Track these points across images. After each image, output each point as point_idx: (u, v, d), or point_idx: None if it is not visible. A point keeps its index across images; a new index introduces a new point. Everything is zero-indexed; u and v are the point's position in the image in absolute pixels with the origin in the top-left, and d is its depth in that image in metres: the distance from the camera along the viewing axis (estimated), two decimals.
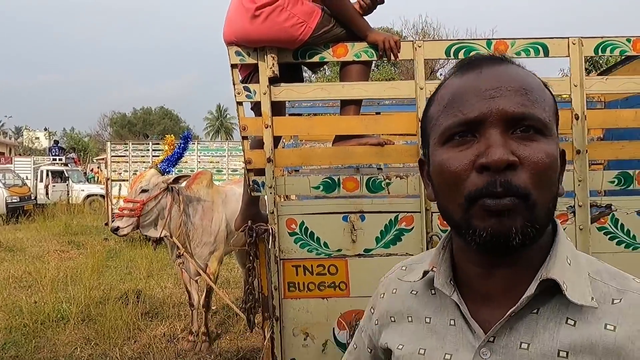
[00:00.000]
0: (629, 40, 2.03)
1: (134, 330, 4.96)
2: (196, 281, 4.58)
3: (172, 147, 4.27)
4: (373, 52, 2.04)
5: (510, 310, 0.65)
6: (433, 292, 0.78)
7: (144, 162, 10.36)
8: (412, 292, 0.82)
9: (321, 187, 2.04)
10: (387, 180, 2.03)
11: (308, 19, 1.99)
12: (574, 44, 2.02)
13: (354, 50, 2.03)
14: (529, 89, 0.66)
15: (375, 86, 2.06)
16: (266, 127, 2.01)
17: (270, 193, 2.03)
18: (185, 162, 10.54)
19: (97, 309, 5.66)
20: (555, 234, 0.71)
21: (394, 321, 0.83)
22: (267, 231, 2.02)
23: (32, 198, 16.55)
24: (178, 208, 4.16)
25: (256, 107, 2.12)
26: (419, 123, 1.96)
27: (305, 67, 2.41)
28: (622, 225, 2.02)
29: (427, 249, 1.99)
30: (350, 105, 2.13)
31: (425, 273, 0.78)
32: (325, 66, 17.95)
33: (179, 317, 5.41)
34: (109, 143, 10.49)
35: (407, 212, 2.03)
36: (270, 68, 1.97)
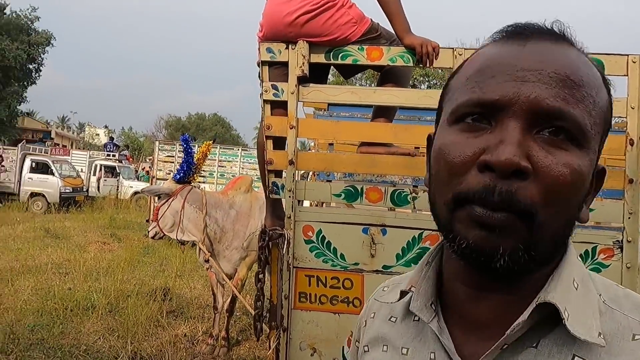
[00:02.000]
0: None
1: (156, 327, 4.97)
2: (222, 285, 4.54)
3: (204, 152, 4.28)
4: (410, 57, 1.93)
5: (498, 342, 0.52)
6: (416, 318, 0.63)
7: None
8: (391, 318, 0.67)
9: (343, 195, 1.94)
10: (414, 194, 1.90)
11: (359, 22, 2.00)
12: (634, 62, 1.83)
13: (390, 54, 1.93)
14: (577, 81, 0.51)
15: (408, 94, 1.94)
16: (291, 128, 1.94)
17: (289, 197, 1.94)
18: (226, 167, 10.69)
19: (125, 302, 5.74)
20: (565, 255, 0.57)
21: (367, 350, 0.69)
22: (282, 236, 1.92)
23: (84, 190, 17.29)
24: (197, 211, 4.12)
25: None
26: None
27: (336, 74, 2.32)
28: None
29: None
30: (381, 114, 2.02)
31: (403, 294, 0.64)
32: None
33: (202, 318, 5.39)
34: (157, 143, 10.81)
35: (433, 230, 1.88)
36: (300, 67, 1.90)
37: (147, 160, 37.62)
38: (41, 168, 15.84)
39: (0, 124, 30.60)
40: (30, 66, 32.99)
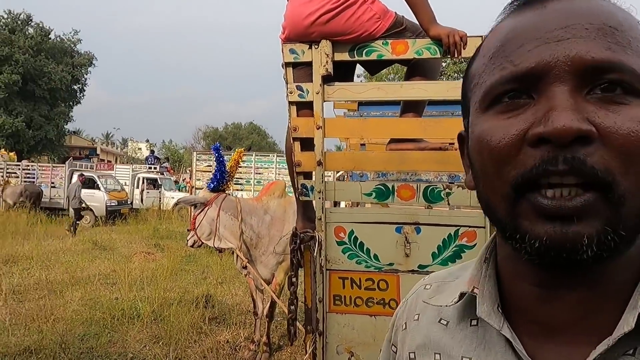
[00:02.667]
0: None
1: (199, 333, 5.04)
2: (261, 291, 4.56)
3: (237, 160, 4.30)
4: (437, 49, 1.86)
5: (597, 351, 0.45)
6: (474, 321, 0.56)
7: None
8: (442, 321, 0.59)
9: (373, 195, 1.89)
10: (447, 190, 1.83)
11: (383, 17, 1.96)
12: None
13: (416, 47, 1.87)
14: (617, 26, 0.44)
15: (437, 86, 1.87)
16: (318, 128, 1.91)
17: (319, 198, 1.91)
18: (263, 173, 10.78)
19: (169, 310, 5.86)
20: None
21: (413, 358, 0.61)
22: (313, 238, 1.89)
23: (129, 202, 17.87)
24: (232, 218, 4.14)
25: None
26: None
27: (361, 71, 2.28)
28: None
29: None
30: (410, 109, 1.96)
31: (462, 295, 0.56)
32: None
33: (243, 325, 5.43)
34: (194, 153, 11.06)
35: (469, 226, 1.80)
36: (324, 66, 1.87)
37: (187, 171, 38.59)
38: (88, 183, 16.50)
39: (50, 143, 32.18)
40: (75, 87, 34.59)
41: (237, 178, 10.73)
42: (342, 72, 1.98)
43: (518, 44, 0.47)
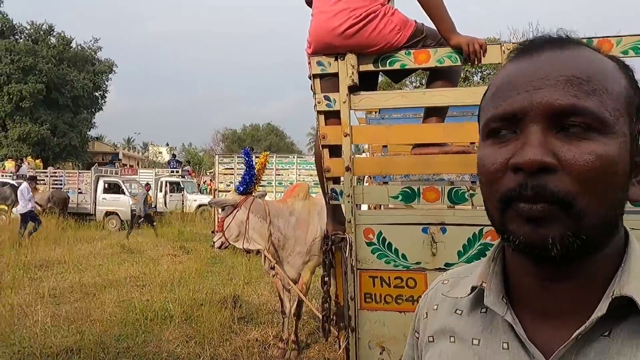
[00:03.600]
0: None
1: (229, 333, 5.20)
2: (288, 290, 4.69)
3: (263, 163, 4.44)
4: (457, 57, 1.95)
5: (577, 332, 0.56)
6: (483, 310, 0.68)
7: None
8: (457, 310, 0.72)
9: (400, 197, 1.99)
10: (471, 192, 1.92)
11: (403, 28, 2.04)
12: None
13: (437, 56, 1.96)
14: (584, 78, 0.56)
15: (459, 93, 1.96)
16: (345, 136, 2.01)
17: (348, 202, 2.02)
18: (283, 175, 10.91)
19: (198, 310, 6.04)
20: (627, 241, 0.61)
21: (432, 341, 0.73)
22: (344, 240, 2.00)
23: (153, 206, 18.24)
24: (261, 220, 4.27)
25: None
26: None
27: (384, 78, 2.38)
28: None
29: None
30: (432, 114, 2.06)
31: (473, 289, 0.68)
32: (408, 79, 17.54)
33: (271, 323, 5.58)
34: (217, 156, 11.27)
35: None
36: (350, 77, 1.98)
37: (208, 173, 39.11)
38: (113, 188, 16.93)
39: (74, 149, 32.95)
40: (96, 94, 35.34)
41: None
42: (366, 81, 2.09)
43: (508, 89, 0.60)
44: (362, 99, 2.02)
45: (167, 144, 67.49)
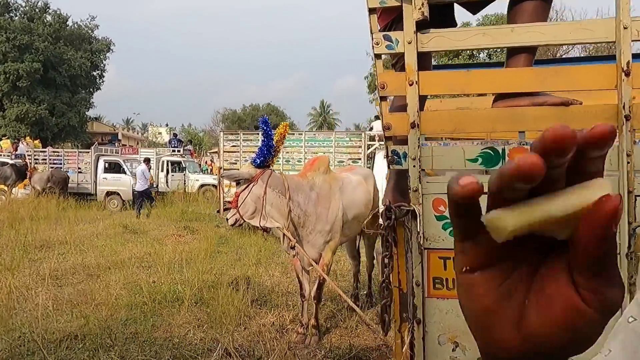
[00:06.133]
0: None
1: (243, 317, 4.88)
2: (307, 271, 4.35)
3: (282, 134, 4.01)
4: None
5: None
6: None
7: (253, 152, 10.54)
8: None
9: (480, 160, 1.61)
10: None
11: None
12: None
13: None
14: None
15: (557, 28, 1.57)
16: (410, 85, 1.63)
17: (414, 166, 1.64)
18: (293, 153, 10.51)
19: (209, 292, 5.72)
20: None
21: None
22: (409, 213, 1.63)
23: (155, 186, 17.87)
24: (280, 196, 3.89)
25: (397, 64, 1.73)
26: (621, 75, 1.44)
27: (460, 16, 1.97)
28: None
29: (629, 244, 1.47)
30: (520, 55, 1.66)
31: None
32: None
33: (287, 306, 5.26)
34: (221, 133, 10.80)
35: None
36: (419, 9, 1.58)
37: (208, 154, 38.78)
38: (114, 168, 16.53)
39: (73, 129, 32.50)
40: (94, 73, 34.74)
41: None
42: (438, 17, 1.68)
43: None
44: (432, 37, 1.62)
45: (167, 125, 67.02)
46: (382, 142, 10.74)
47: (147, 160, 15.54)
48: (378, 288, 1.80)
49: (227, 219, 3.97)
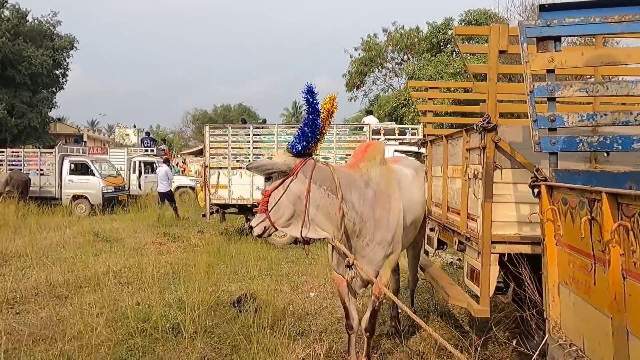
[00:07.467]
0: None
1: (261, 352, 3.77)
2: (354, 295, 3.32)
3: (330, 110, 2.88)
4: None
5: None
6: None
7: (241, 148, 9.35)
8: None
9: None
10: None
11: None
12: None
13: None
14: None
15: None
16: None
17: None
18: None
19: (208, 316, 4.61)
20: None
21: None
22: None
23: (126, 188, 16.45)
24: (330, 195, 2.85)
25: None
26: None
27: None
28: None
29: None
30: None
31: None
32: None
33: (312, 334, 4.19)
34: (207, 127, 9.55)
35: None
36: None
37: (179, 155, 37.08)
38: (80, 169, 15.03)
39: (34, 131, 30.39)
40: (57, 72, 32.63)
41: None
42: None
43: None
44: None
45: (134, 126, 64.79)
46: (389, 137, 9.72)
47: (166, 161, 15.59)
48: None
49: (250, 228, 2.86)
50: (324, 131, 2.86)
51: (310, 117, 2.71)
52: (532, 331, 3.76)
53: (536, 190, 2.33)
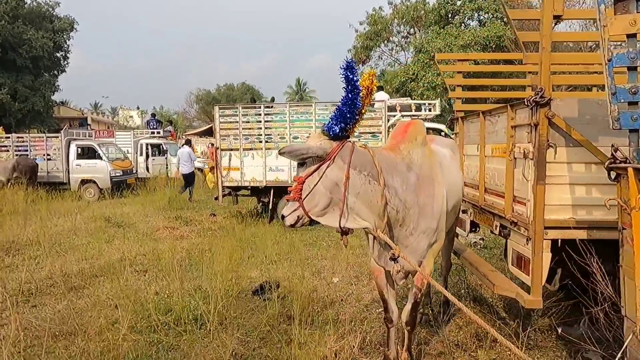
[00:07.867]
0: None
1: (291, 344, 3.58)
2: (393, 286, 3.10)
3: (369, 88, 2.58)
4: None
5: None
6: None
7: (252, 128, 9.05)
8: None
9: None
10: None
11: None
12: None
13: None
14: None
15: None
16: None
17: None
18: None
19: (233, 306, 4.42)
20: None
21: None
22: None
23: (134, 172, 16.26)
24: (371, 181, 2.60)
25: None
26: None
27: None
28: None
29: None
30: None
31: None
32: None
33: (344, 324, 3.99)
34: (216, 107, 9.25)
35: None
36: None
37: (183, 137, 36.89)
38: (87, 153, 14.81)
39: (38, 115, 30.14)
40: (58, 54, 32.16)
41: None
42: None
43: None
44: None
45: (138, 108, 64.30)
46: (405, 114, 9.31)
47: (188, 142, 15.53)
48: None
49: (282, 217, 2.62)
50: (364, 111, 2.59)
51: (350, 95, 2.43)
52: (578, 320, 3.55)
53: (613, 173, 2.06)
